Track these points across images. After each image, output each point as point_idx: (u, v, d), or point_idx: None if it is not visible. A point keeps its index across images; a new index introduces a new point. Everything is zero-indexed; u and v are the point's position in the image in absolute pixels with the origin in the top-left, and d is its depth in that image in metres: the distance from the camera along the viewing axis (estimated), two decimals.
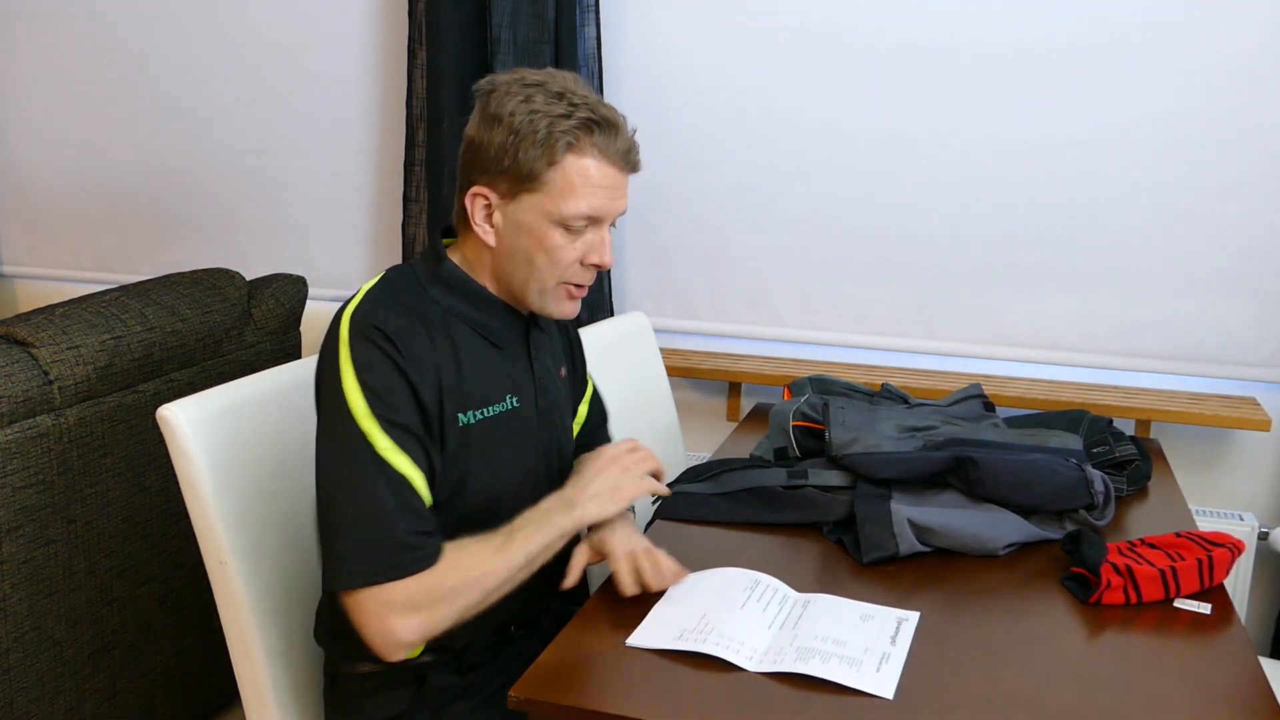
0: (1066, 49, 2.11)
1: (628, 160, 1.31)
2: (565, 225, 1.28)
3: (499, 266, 1.33)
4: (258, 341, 2.25)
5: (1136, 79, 2.09)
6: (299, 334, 2.40)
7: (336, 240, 2.71)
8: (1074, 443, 1.68)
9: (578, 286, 1.34)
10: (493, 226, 1.31)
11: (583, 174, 1.27)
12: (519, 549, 1.26)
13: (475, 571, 1.24)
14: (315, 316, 2.74)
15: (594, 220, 1.30)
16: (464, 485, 1.32)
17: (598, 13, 2.30)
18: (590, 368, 1.64)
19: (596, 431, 1.62)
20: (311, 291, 2.66)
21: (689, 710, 1.09)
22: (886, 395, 1.96)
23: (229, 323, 2.16)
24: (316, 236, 2.73)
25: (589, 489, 1.33)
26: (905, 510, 1.49)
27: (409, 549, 1.22)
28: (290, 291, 2.35)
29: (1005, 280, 2.24)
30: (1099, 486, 1.55)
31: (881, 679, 1.14)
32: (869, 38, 2.22)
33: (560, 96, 1.27)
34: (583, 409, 1.59)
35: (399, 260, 2.63)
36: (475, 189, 1.30)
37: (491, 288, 1.35)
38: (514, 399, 1.36)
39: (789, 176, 2.32)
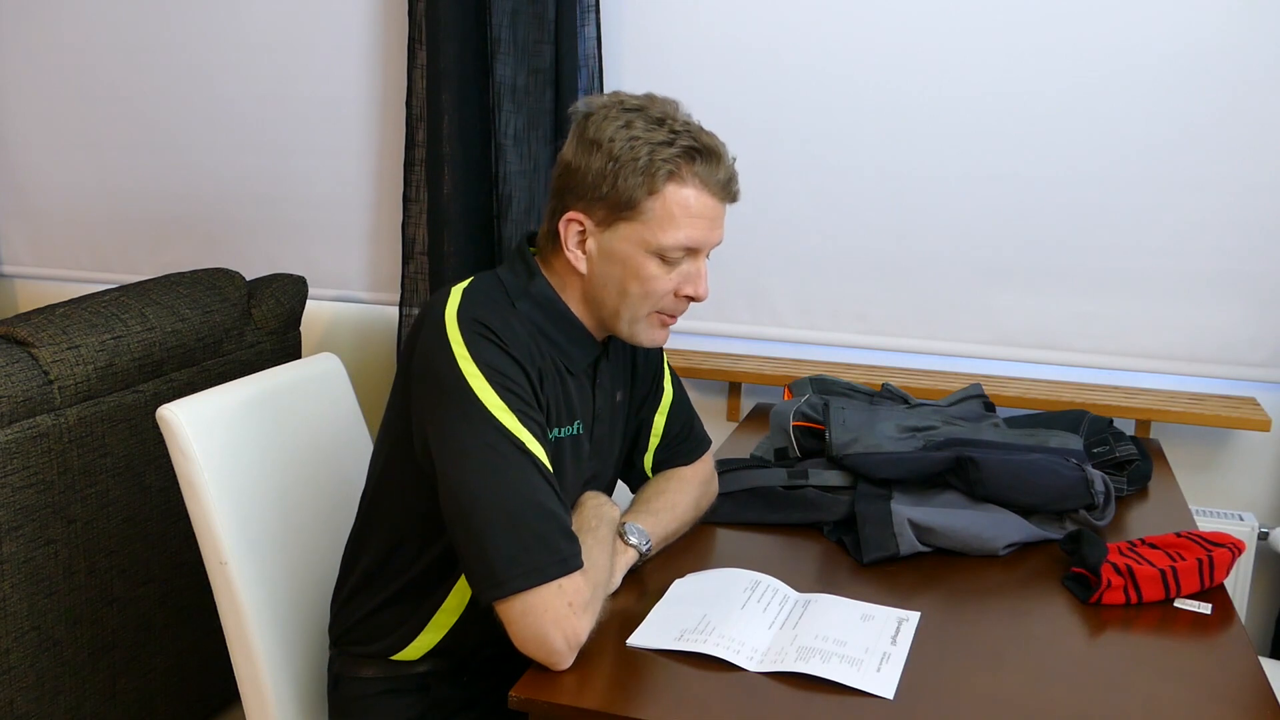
0: (1066, 49, 2.11)
1: (728, 190, 1.29)
2: (662, 255, 1.26)
3: (589, 292, 1.31)
4: (258, 341, 2.25)
5: (1136, 79, 2.08)
6: (299, 334, 2.40)
7: (336, 240, 2.71)
8: (1074, 443, 1.68)
9: (670, 316, 1.32)
10: (585, 253, 1.28)
11: (683, 204, 1.24)
12: (610, 544, 1.28)
13: (603, 570, 1.24)
14: (315, 316, 2.74)
15: (691, 251, 1.28)
16: None
17: (598, 13, 2.30)
18: None
19: (679, 445, 1.54)
20: (311, 291, 2.66)
21: (689, 710, 1.09)
22: (887, 395, 1.96)
23: (229, 323, 2.16)
24: (316, 236, 2.73)
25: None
26: (905, 510, 1.49)
27: (572, 540, 1.18)
28: (290, 291, 2.35)
29: (1005, 280, 2.24)
30: (1099, 486, 1.55)
31: (882, 679, 1.14)
32: (868, 38, 2.21)
33: (661, 122, 1.24)
34: (659, 420, 1.52)
35: (399, 260, 2.62)
36: (570, 214, 1.27)
37: (577, 311, 1.33)
38: (579, 425, 1.34)
39: (789, 176, 2.32)
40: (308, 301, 2.57)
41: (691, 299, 1.31)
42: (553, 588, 1.14)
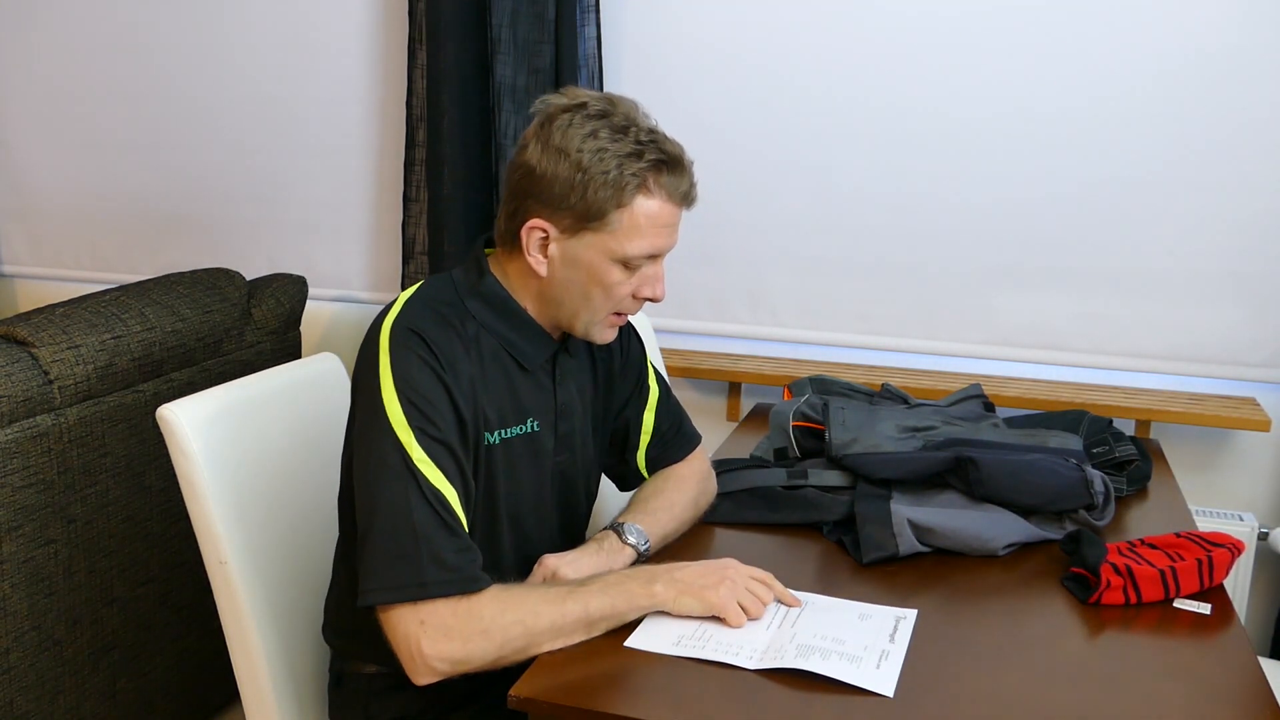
0: (1067, 49, 2.11)
1: (688, 199, 1.31)
2: (625, 263, 1.28)
3: (546, 294, 1.32)
4: (258, 341, 2.25)
5: (1136, 80, 2.08)
6: (299, 334, 2.40)
7: (336, 240, 2.71)
8: (1074, 443, 1.68)
9: (623, 314, 1.35)
10: (547, 257, 1.29)
11: (649, 215, 1.26)
12: (578, 604, 1.20)
13: (519, 612, 1.18)
14: (315, 316, 2.74)
15: (652, 257, 1.30)
16: (485, 505, 1.31)
17: (598, 13, 2.30)
18: None
19: (670, 441, 1.55)
20: (311, 291, 2.66)
21: (689, 710, 1.09)
22: (886, 395, 1.96)
23: (229, 323, 2.16)
24: (316, 236, 2.73)
25: (680, 575, 1.25)
26: (905, 510, 1.49)
27: (441, 567, 1.17)
28: (290, 291, 2.35)
29: (1005, 280, 2.24)
30: (1099, 486, 1.55)
31: (881, 676, 1.14)
32: (868, 39, 2.22)
33: (625, 131, 1.25)
34: (649, 418, 1.53)
35: (399, 260, 2.63)
36: (534, 221, 1.28)
37: (531, 310, 1.34)
38: (534, 423, 1.35)
39: (789, 176, 2.32)
40: (308, 301, 2.57)
41: (650, 300, 1.33)
42: (408, 608, 1.16)
